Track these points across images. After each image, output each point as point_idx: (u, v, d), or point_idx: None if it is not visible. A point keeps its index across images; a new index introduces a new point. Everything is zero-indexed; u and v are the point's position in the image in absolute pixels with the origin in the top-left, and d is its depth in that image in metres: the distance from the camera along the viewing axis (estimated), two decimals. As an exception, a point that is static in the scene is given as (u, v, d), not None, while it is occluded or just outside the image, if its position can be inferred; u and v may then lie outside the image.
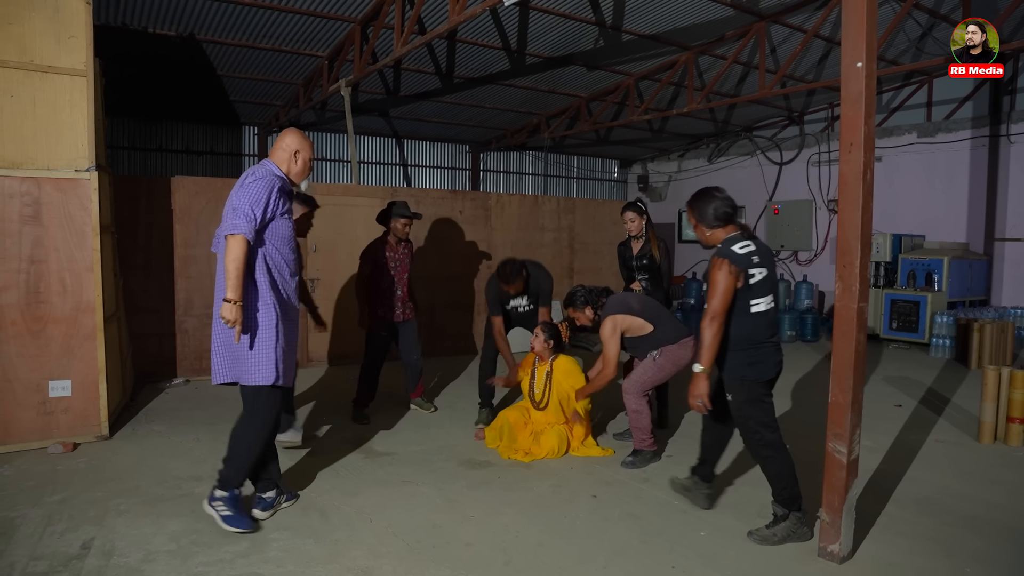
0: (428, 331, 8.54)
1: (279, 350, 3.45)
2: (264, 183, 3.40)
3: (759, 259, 3.38)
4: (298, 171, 3.63)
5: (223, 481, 3.50)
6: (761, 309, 3.39)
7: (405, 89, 10.24)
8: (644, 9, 7.87)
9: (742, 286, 3.32)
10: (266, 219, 3.41)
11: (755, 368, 3.39)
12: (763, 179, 13.46)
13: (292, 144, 3.60)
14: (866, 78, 3.08)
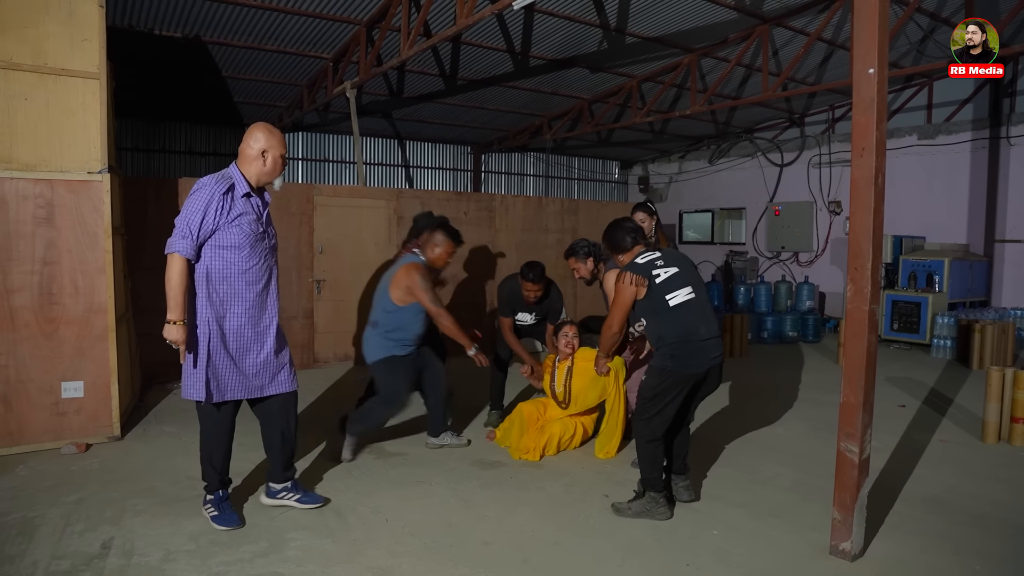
0: (433, 331, 8.57)
1: (208, 369, 3.38)
2: (201, 194, 3.28)
3: (664, 262, 3.76)
4: (267, 171, 3.47)
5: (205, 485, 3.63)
6: (681, 300, 3.69)
7: (409, 91, 10.28)
8: (648, 12, 7.92)
9: (648, 289, 3.68)
10: (207, 231, 3.29)
11: (677, 361, 3.66)
12: (764, 180, 13.52)
13: (258, 143, 3.42)
14: (878, 84, 3.12)
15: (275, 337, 3.59)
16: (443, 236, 4.75)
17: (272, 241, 3.61)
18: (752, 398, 6.56)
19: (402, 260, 4.73)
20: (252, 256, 3.43)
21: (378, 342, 4.61)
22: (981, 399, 6.01)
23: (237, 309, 3.44)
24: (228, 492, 3.67)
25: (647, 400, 3.73)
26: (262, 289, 3.51)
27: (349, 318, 7.88)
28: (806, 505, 3.96)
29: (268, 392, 3.59)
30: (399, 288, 4.55)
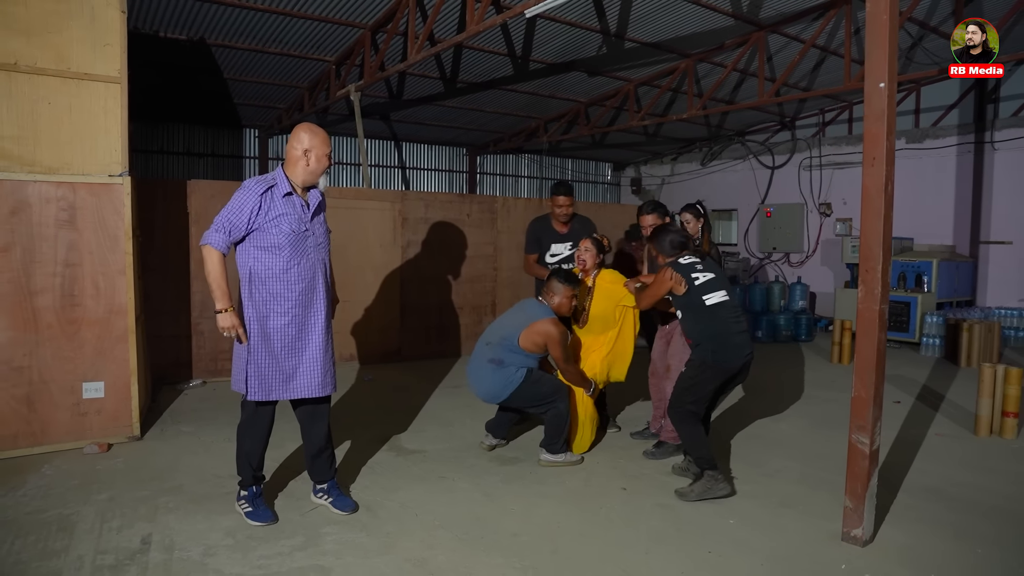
0: (437, 331, 8.72)
1: (250, 367, 3.48)
2: (242, 192, 3.40)
3: (703, 267, 4.21)
4: (312, 170, 3.52)
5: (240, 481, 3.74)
6: (716, 301, 4.12)
7: (408, 93, 10.40)
8: (648, 18, 8.10)
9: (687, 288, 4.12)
10: (242, 228, 3.39)
11: (717, 354, 4.07)
12: (755, 182, 13.75)
13: (301, 144, 3.48)
14: (888, 97, 3.29)
15: (322, 339, 3.61)
16: (558, 283, 4.64)
17: (319, 240, 3.62)
18: (754, 395, 6.74)
19: (534, 310, 4.64)
20: (293, 257, 3.48)
21: (504, 378, 4.54)
22: (971, 395, 6.26)
23: (278, 309, 3.50)
24: (261, 488, 3.77)
25: (685, 389, 4.13)
26: (305, 290, 3.54)
27: (355, 319, 7.98)
28: (815, 496, 4.14)
29: (310, 394, 3.62)
30: (533, 340, 4.54)
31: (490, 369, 4.54)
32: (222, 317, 3.41)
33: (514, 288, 9.43)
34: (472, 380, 4.67)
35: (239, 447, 3.71)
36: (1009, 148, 10.34)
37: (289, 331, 3.54)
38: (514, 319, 4.65)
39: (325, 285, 3.66)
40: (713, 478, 4.06)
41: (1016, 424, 5.47)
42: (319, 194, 3.66)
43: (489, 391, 4.56)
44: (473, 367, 4.66)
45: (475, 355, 4.68)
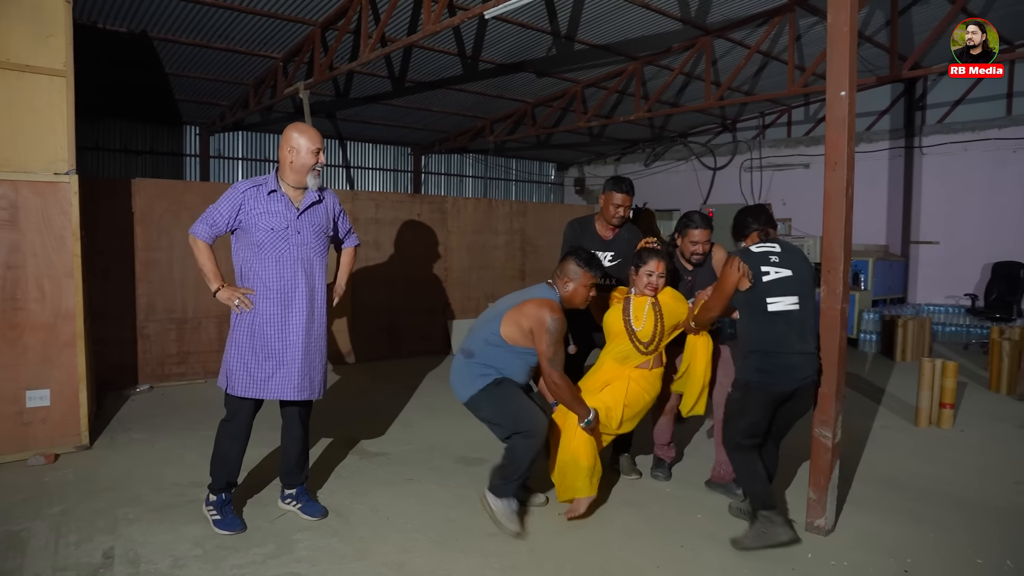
0: (388, 333, 8.64)
1: (233, 360, 3.52)
2: (231, 190, 3.52)
3: (780, 260, 3.46)
4: (296, 169, 3.50)
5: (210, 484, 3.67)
6: (780, 308, 3.40)
7: (356, 92, 10.27)
8: (598, 20, 8.19)
9: (751, 285, 3.41)
10: (226, 222, 3.49)
11: (762, 376, 3.40)
12: (698, 183, 14.06)
13: (286, 143, 3.53)
14: (849, 105, 3.42)
15: (301, 341, 3.55)
16: (576, 265, 3.68)
17: (306, 240, 3.56)
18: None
19: (535, 290, 3.76)
20: (272, 255, 3.49)
21: (470, 374, 3.66)
22: (908, 388, 6.56)
23: (260, 307, 3.50)
24: (231, 496, 3.67)
25: (733, 415, 3.57)
26: (285, 288, 3.51)
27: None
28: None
29: (285, 396, 3.55)
30: (517, 323, 3.57)
31: (460, 361, 3.73)
32: (219, 295, 3.51)
33: (465, 288, 9.42)
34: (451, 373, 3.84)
35: (215, 447, 3.63)
36: (935, 153, 10.87)
37: (266, 330, 3.50)
38: (508, 300, 3.74)
39: (310, 286, 3.57)
40: (768, 520, 3.40)
41: (953, 415, 5.77)
42: (314, 195, 3.60)
43: (452, 385, 3.77)
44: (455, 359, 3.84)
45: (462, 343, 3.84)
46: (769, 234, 3.65)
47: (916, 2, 8.29)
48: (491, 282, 9.79)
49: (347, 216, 3.92)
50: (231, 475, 3.63)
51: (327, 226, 3.70)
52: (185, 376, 7.00)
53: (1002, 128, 10.30)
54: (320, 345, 3.65)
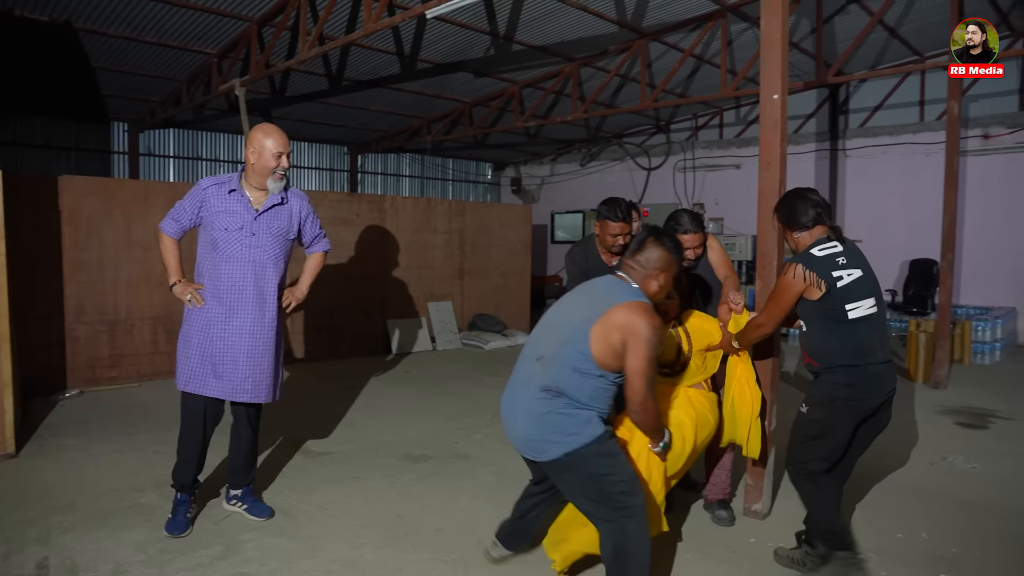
0: (328, 332, 8.56)
1: (183, 356, 3.53)
2: (194, 187, 3.59)
3: (846, 260, 3.04)
4: (256, 170, 3.48)
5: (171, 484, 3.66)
6: (862, 314, 3.00)
7: (292, 90, 10.11)
8: (536, 22, 8.29)
9: (825, 293, 3.00)
10: (189, 219, 3.55)
11: (852, 391, 3.01)
12: (632, 183, 14.34)
13: (249, 145, 3.50)
14: (781, 108, 3.59)
15: (246, 343, 3.51)
16: (662, 250, 2.82)
17: (261, 242, 3.52)
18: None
19: (611, 290, 2.75)
20: (224, 254, 3.48)
21: (566, 421, 2.62)
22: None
23: (207, 305, 3.50)
24: (188, 498, 3.61)
25: (809, 439, 3.12)
26: (234, 288, 3.49)
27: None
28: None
29: (228, 396, 3.54)
30: (607, 339, 2.60)
31: (538, 401, 2.66)
32: (174, 289, 3.56)
33: (404, 288, 9.41)
34: (506, 414, 2.82)
35: (179, 449, 3.64)
36: (858, 155, 11.41)
37: (210, 329, 3.49)
38: (578, 310, 2.75)
39: (259, 289, 3.54)
40: (848, 563, 3.00)
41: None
42: (278, 197, 3.57)
43: (528, 436, 2.69)
44: (510, 395, 2.82)
45: (515, 376, 2.83)
46: (836, 230, 3.16)
47: (838, 12, 8.67)
48: (430, 281, 9.80)
49: (316, 220, 3.86)
50: (187, 474, 3.59)
51: (289, 229, 3.66)
52: (118, 380, 6.79)
53: (916, 133, 10.88)
54: (269, 349, 3.59)
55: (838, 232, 3.15)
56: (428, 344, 9.42)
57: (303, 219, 3.75)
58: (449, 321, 9.84)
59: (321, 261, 3.98)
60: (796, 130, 12.11)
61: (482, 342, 9.57)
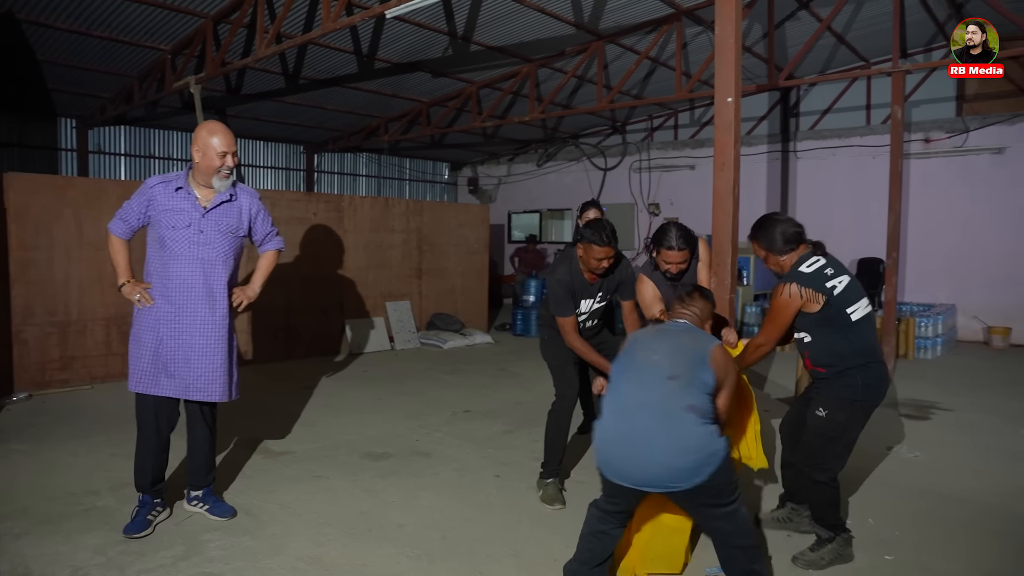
0: (285, 333, 8.49)
1: (132, 356, 3.52)
2: (141, 186, 3.56)
3: (833, 270, 3.20)
4: (201, 169, 3.46)
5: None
6: (862, 315, 3.17)
7: (248, 88, 10.00)
8: (495, 22, 8.36)
9: (825, 304, 3.13)
10: (138, 218, 3.52)
11: (869, 391, 3.16)
12: (589, 183, 14.50)
13: (194, 143, 3.47)
14: (735, 110, 3.71)
15: (196, 342, 3.49)
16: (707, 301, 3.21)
17: (210, 239, 3.49)
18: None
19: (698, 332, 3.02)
20: (174, 254, 3.46)
21: (711, 443, 2.61)
22: (787, 375, 7.07)
23: (157, 304, 3.48)
24: (151, 500, 3.56)
25: (831, 439, 3.20)
26: (182, 287, 3.47)
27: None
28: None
29: (178, 395, 3.52)
30: (724, 368, 2.84)
31: (687, 424, 2.61)
32: (123, 290, 3.52)
33: (362, 287, 9.38)
34: (626, 444, 2.65)
35: (136, 451, 3.61)
36: (808, 157, 11.74)
37: (160, 328, 3.47)
38: (684, 342, 2.90)
39: (208, 288, 3.52)
40: (846, 541, 3.26)
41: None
42: (227, 194, 3.55)
43: (673, 465, 2.57)
44: (634, 424, 2.66)
45: (636, 402, 2.71)
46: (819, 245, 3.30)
47: (789, 18, 8.92)
48: (388, 281, 9.78)
49: (268, 217, 3.82)
50: (147, 476, 3.55)
51: (239, 227, 3.64)
52: (69, 383, 6.64)
53: (863, 136, 11.25)
54: (221, 347, 3.57)
55: (821, 247, 3.29)
56: (386, 344, 9.40)
57: (253, 216, 3.71)
58: (407, 321, 9.83)
59: (274, 259, 3.92)
60: (749, 132, 12.39)
61: (440, 341, 9.58)
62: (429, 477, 4.41)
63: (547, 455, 4.11)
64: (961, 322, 10.38)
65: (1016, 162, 10.08)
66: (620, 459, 2.63)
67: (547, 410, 4.21)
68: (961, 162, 10.48)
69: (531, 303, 11.38)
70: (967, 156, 10.43)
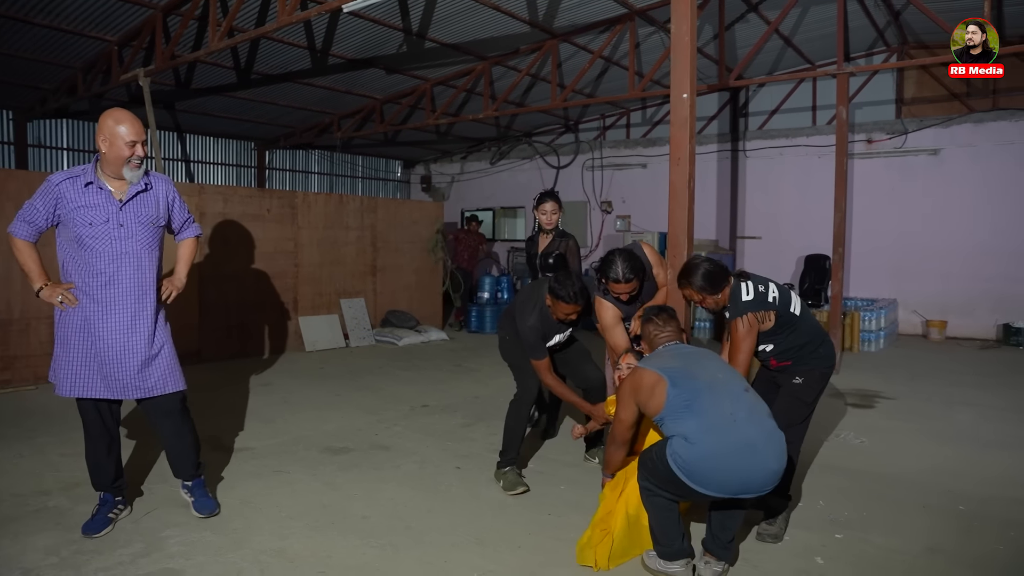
0: (239, 330, 8.36)
1: (57, 360, 3.41)
2: (44, 184, 3.34)
3: (763, 286, 3.45)
4: (109, 160, 3.30)
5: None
6: (799, 306, 3.52)
7: (198, 82, 9.80)
8: (450, 19, 8.36)
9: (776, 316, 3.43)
10: (45, 218, 3.32)
11: (828, 359, 3.55)
12: (542, 181, 14.58)
13: (99, 131, 3.31)
14: (690, 106, 3.80)
15: (134, 338, 3.38)
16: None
17: (131, 232, 3.35)
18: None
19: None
20: (95, 251, 3.31)
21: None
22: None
23: (82, 303, 3.35)
24: (112, 499, 3.49)
25: (806, 404, 3.50)
26: (107, 284, 3.33)
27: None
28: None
29: (115, 395, 3.40)
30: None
31: (775, 427, 2.93)
32: (42, 294, 3.37)
33: (316, 285, 9.30)
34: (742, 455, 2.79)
35: (86, 454, 3.53)
36: (757, 156, 12.03)
37: (90, 327, 3.34)
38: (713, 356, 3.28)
39: (137, 281, 3.39)
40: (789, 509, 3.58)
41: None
42: (141, 184, 3.41)
43: (775, 470, 2.83)
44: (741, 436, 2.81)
45: (730, 416, 2.85)
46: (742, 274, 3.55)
47: (738, 20, 9.14)
48: (343, 278, 9.71)
49: (184, 203, 3.70)
50: (105, 475, 3.47)
51: (158, 215, 3.49)
52: (11, 383, 6.43)
53: (809, 136, 11.58)
54: (158, 339, 3.47)
55: (744, 274, 3.53)
56: (341, 341, 9.34)
57: (171, 203, 3.58)
58: (362, 318, 9.77)
59: (194, 247, 3.80)
60: (699, 131, 12.64)
61: (396, 338, 9.55)
62: (390, 470, 4.41)
63: (506, 444, 4.16)
64: (902, 316, 10.78)
65: (950, 163, 10.52)
66: (728, 471, 2.78)
67: (504, 404, 4.31)
68: (901, 162, 10.88)
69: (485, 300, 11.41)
70: (906, 157, 10.83)
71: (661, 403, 2.93)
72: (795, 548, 3.30)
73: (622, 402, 3.15)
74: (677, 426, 2.87)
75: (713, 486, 2.80)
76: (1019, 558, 3.28)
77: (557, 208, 5.10)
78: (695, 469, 2.80)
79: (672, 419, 2.90)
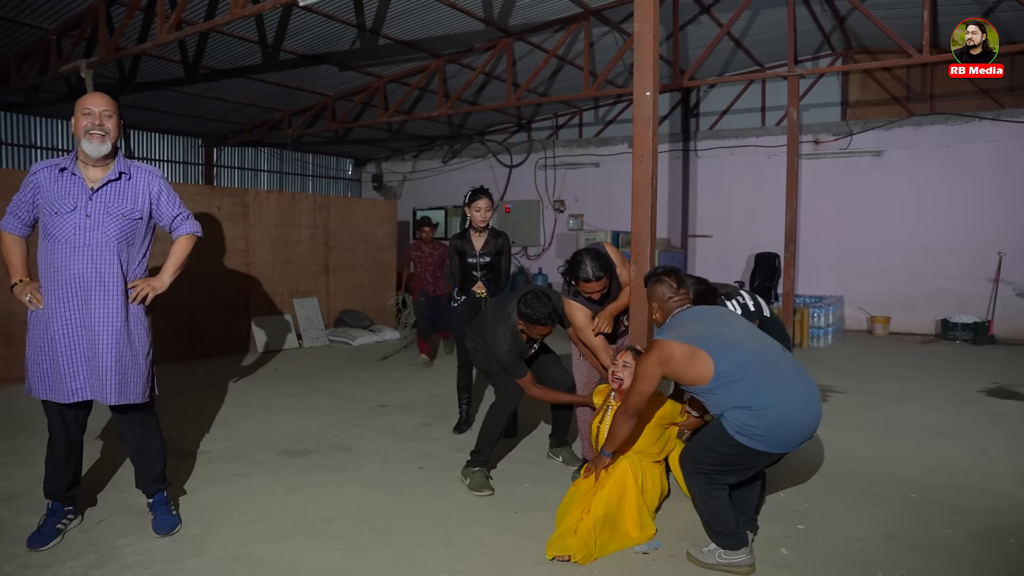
0: (189, 331, 8.15)
1: (29, 360, 3.22)
2: (28, 175, 3.25)
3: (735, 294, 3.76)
4: (78, 140, 3.17)
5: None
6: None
7: (143, 76, 9.49)
8: (404, 16, 8.30)
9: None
10: (29, 209, 3.24)
11: None
12: (495, 180, 14.57)
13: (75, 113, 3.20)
14: (653, 104, 3.84)
15: (97, 340, 3.17)
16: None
17: (100, 222, 3.16)
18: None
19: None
20: (59, 243, 3.14)
21: None
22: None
23: (47, 302, 3.17)
24: (61, 508, 3.32)
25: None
26: (72, 280, 3.14)
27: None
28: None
29: (79, 398, 3.20)
30: None
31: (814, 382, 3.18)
32: (14, 291, 3.23)
33: (269, 284, 9.13)
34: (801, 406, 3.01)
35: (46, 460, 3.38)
36: (708, 156, 12.24)
37: (53, 327, 3.15)
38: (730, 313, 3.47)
39: (100, 278, 3.17)
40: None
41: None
42: (116, 172, 3.21)
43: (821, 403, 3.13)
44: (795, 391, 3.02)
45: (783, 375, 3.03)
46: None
47: (691, 21, 9.29)
48: (296, 277, 9.55)
49: (175, 197, 3.48)
50: (61, 482, 3.31)
51: (135, 209, 3.27)
52: (-54, 388, 6.14)
53: (759, 137, 11.83)
54: (122, 343, 3.22)
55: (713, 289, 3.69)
56: (295, 341, 9.18)
57: (154, 197, 3.36)
58: (315, 318, 9.62)
59: (188, 245, 3.54)
60: (650, 132, 12.79)
61: (350, 338, 9.43)
62: (352, 471, 4.34)
63: (480, 444, 4.12)
64: (848, 312, 11.09)
65: (893, 164, 10.87)
66: (797, 429, 2.98)
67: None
68: (846, 163, 11.19)
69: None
70: (851, 158, 11.15)
71: (707, 375, 2.96)
72: (760, 540, 3.35)
73: (644, 376, 3.09)
74: (732, 397, 2.95)
75: (791, 444, 3.00)
76: (967, 541, 3.40)
77: (490, 205, 5.19)
78: (773, 434, 2.93)
79: (725, 390, 2.97)
